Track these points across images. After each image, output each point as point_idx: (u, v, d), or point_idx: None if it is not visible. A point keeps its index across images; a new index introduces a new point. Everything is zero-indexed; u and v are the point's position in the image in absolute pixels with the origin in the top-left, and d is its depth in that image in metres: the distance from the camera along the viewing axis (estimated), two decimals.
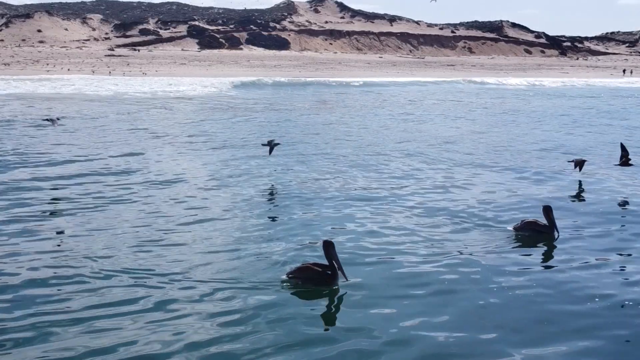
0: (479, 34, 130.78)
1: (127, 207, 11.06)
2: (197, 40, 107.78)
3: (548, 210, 9.54)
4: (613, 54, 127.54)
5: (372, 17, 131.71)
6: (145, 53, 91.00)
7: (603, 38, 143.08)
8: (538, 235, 9.49)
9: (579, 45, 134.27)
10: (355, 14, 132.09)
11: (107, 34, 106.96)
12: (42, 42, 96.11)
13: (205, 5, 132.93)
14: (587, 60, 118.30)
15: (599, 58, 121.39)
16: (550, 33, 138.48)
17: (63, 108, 28.39)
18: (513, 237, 9.53)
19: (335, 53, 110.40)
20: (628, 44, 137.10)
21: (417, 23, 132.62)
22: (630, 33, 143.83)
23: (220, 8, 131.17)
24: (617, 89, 54.92)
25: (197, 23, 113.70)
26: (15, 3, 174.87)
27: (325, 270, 7.51)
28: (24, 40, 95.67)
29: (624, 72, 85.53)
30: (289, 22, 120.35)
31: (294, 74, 62.63)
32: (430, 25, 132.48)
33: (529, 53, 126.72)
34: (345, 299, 7.27)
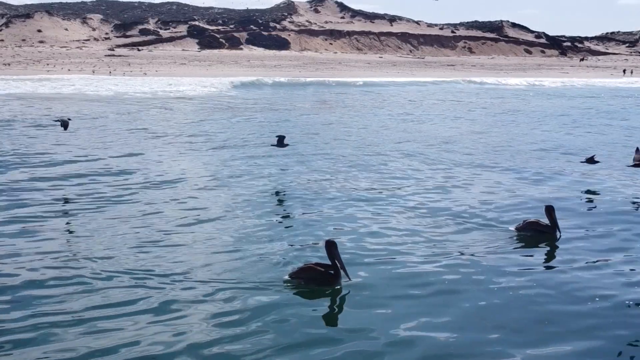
0: (479, 34, 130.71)
1: (127, 207, 11.04)
2: (197, 40, 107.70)
3: (550, 210, 9.52)
4: (613, 54, 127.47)
5: (372, 17, 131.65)
6: (146, 53, 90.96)
7: (603, 38, 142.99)
8: (540, 236, 9.47)
9: (579, 45, 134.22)
10: (356, 14, 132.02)
11: (107, 34, 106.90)
12: (42, 42, 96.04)
13: (206, 5, 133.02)
14: (587, 60, 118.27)
15: (599, 58, 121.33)
16: (550, 33, 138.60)
17: (62, 108, 28.38)
18: (515, 237, 9.52)
19: (336, 53, 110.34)
20: (628, 44, 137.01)
21: (417, 23, 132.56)
22: (630, 33, 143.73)
23: (221, 8, 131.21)
24: (617, 89, 54.90)
25: (197, 23, 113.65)
26: (15, 3, 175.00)
27: (328, 270, 7.50)
28: (24, 40, 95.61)
29: (624, 72, 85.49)
30: (289, 22, 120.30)
31: (294, 74, 62.58)
32: (431, 25, 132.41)
33: (529, 53, 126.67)
34: (347, 300, 7.26)
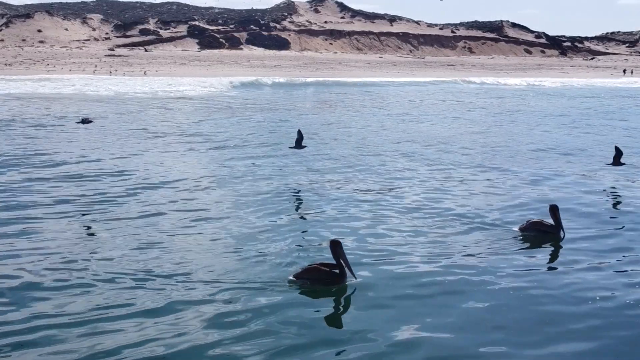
0: (479, 34, 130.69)
1: (128, 208, 11.00)
2: (197, 40, 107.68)
3: (555, 210, 9.47)
4: (613, 54, 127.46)
5: (372, 17, 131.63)
6: (146, 53, 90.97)
7: (603, 38, 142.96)
8: (544, 236, 9.43)
9: (579, 45, 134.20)
10: (356, 14, 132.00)
11: (107, 34, 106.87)
12: (42, 42, 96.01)
13: (206, 5, 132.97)
14: (587, 60, 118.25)
15: (599, 58, 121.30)
16: (550, 33, 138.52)
17: (62, 108, 28.36)
18: (518, 237, 9.48)
19: (336, 53, 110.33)
20: (628, 44, 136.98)
21: (417, 23, 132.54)
22: (630, 33, 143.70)
23: (221, 8, 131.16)
24: (616, 89, 54.89)
25: (197, 23, 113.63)
26: (15, 3, 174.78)
27: (333, 270, 7.49)
28: (24, 41, 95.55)
29: (624, 72, 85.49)
30: (289, 22, 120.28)
31: (294, 74, 62.59)
32: (431, 25, 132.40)
33: (529, 53, 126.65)
34: (350, 301, 7.23)
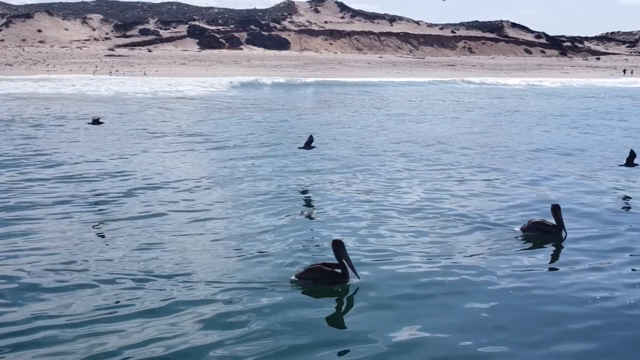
0: (479, 34, 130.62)
1: (128, 208, 10.98)
2: (197, 40, 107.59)
3: (556, 209, 9.46)
4: (613, 54, 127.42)
5: (372, 17, 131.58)
6: (146, 53, 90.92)
7: (603, 38, 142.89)
8: (545, 236, 9.42)
9: (579, 46, 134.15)
10: (356, 14, 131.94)
11: (107, 34, 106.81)
12: (42, 42, 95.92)
13: (206, 5, 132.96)
14: (587, 60, 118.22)
15: (599, 58, 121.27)
16: (550, 33, 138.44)
17: (62, 108, 28.35)
18: (520, 237, 9.47)
19: (336, 53, 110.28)
20: (628, 44, 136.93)
21: (417, 23, 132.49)
22: (630, 33, 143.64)
23: (221, 8, 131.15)
24: (616, 89, 54.88)
25: (197, 23, 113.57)
26: (15, 3, 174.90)
27: (335, 270, 7.49)
28: (24, 40, 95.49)
29: (624, 72, 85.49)
30: (289, 22, 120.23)
31: (294, 74, 62.58)
32: (431, 25, 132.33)
33: (529, 53, 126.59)
34: (351, 301, 7.22)
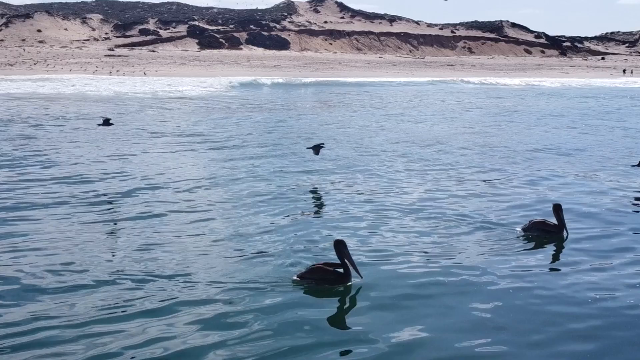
0: (479, 34, 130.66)
1: (128, 208, 10.97)
2: (197, 40, 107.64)
3: (558, 209, 9.45)
4: (613, 54, 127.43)
5: (372, 17, 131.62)
6: (146, 53, 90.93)
7: (603, 38, 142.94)
8: (547, 236, 9.41)
9: (579, 46, 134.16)
10: (355, 14, 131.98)
11: (107, 34, 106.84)
12: (42, 42, 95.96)
13: (206, 5, 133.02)
14: (587, 60, 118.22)
15: (604, 58, 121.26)
16: (550, 33, 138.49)
17: (61, 108, 28.35)
18: (522, 237, 9.47)
19: (335, 53, 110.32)
20: (628, 44, 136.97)
21: (417, 23, 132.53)
22: (630, 33, 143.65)
23: (221, 8, 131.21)
24: (616, 89, 54.88)
25: (197, 23, 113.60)
26: (15, 3, 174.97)
27: (337, 269, 7.50)
28: (24, 40, 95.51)
29: (624, 72, 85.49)
30: (289, 22, 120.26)
31: (294, 74, 62.59)
32: (430, 25, 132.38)
33: (529, 53, 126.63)
34: (352, 301, 7.22)
